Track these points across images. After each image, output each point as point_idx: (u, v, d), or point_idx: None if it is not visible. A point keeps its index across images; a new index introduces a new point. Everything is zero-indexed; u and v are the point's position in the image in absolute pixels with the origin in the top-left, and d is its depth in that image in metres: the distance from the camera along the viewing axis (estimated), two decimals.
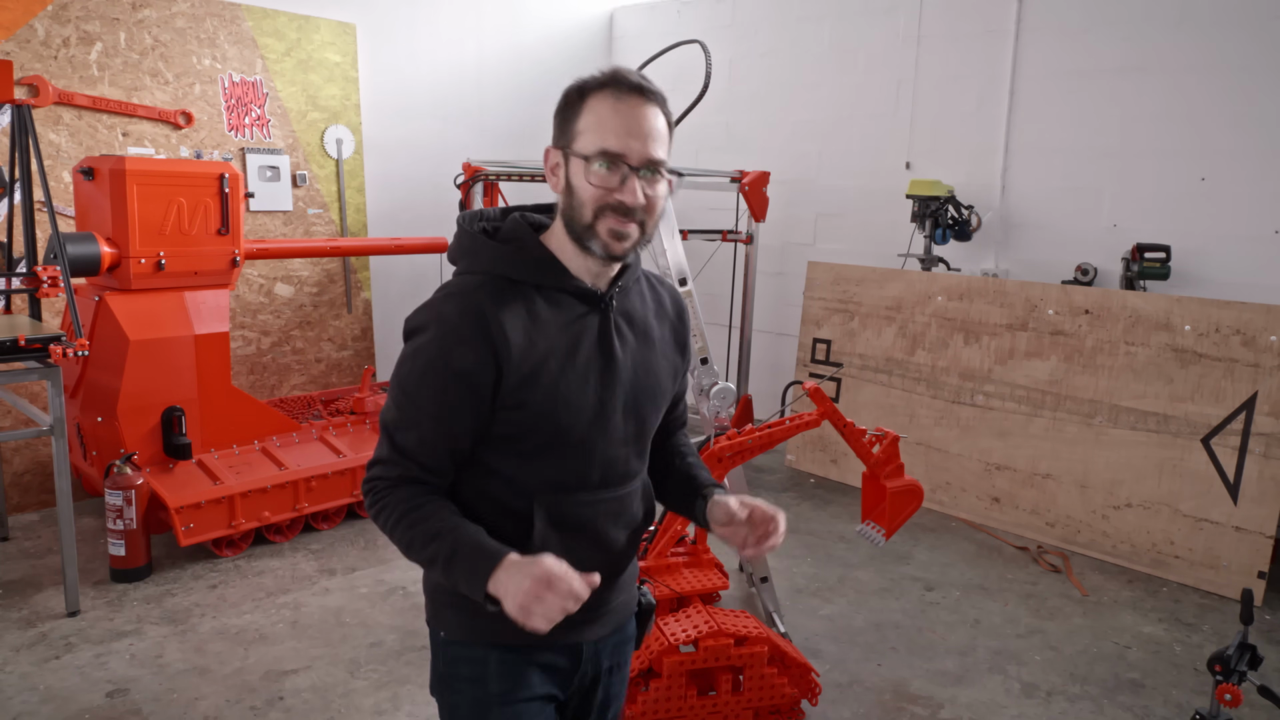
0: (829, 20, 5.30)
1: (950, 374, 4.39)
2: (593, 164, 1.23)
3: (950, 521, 4.29)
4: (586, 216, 1.25)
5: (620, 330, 1.34)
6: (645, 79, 1.27)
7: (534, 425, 1.26)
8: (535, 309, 1.27)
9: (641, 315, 1.39)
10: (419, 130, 5.44)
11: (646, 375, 1.37)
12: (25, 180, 3.48)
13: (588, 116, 1.25)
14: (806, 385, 2.72)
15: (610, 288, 1.33)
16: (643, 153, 1.24)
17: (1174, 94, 4.13)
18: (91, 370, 3.57)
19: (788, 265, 5.59)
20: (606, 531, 1.37)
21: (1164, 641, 3.16)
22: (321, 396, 4.80)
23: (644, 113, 1.25)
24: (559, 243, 1.31)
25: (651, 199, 1.27)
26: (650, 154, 1.24)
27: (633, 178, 1.23)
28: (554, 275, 1.30)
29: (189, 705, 2.64)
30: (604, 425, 1.32)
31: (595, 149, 1.23)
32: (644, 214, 1.26)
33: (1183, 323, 3.69)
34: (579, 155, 1.25)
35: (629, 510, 1.41)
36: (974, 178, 4.77)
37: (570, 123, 1.27)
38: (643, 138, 1.24)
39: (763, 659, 2.46)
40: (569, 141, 1.27)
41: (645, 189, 1.25)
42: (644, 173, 1.25)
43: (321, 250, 4.44)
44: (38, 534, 3.85)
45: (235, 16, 4.60)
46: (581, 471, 1.32)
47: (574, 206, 1.26)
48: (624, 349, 1.34)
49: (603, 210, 1.24)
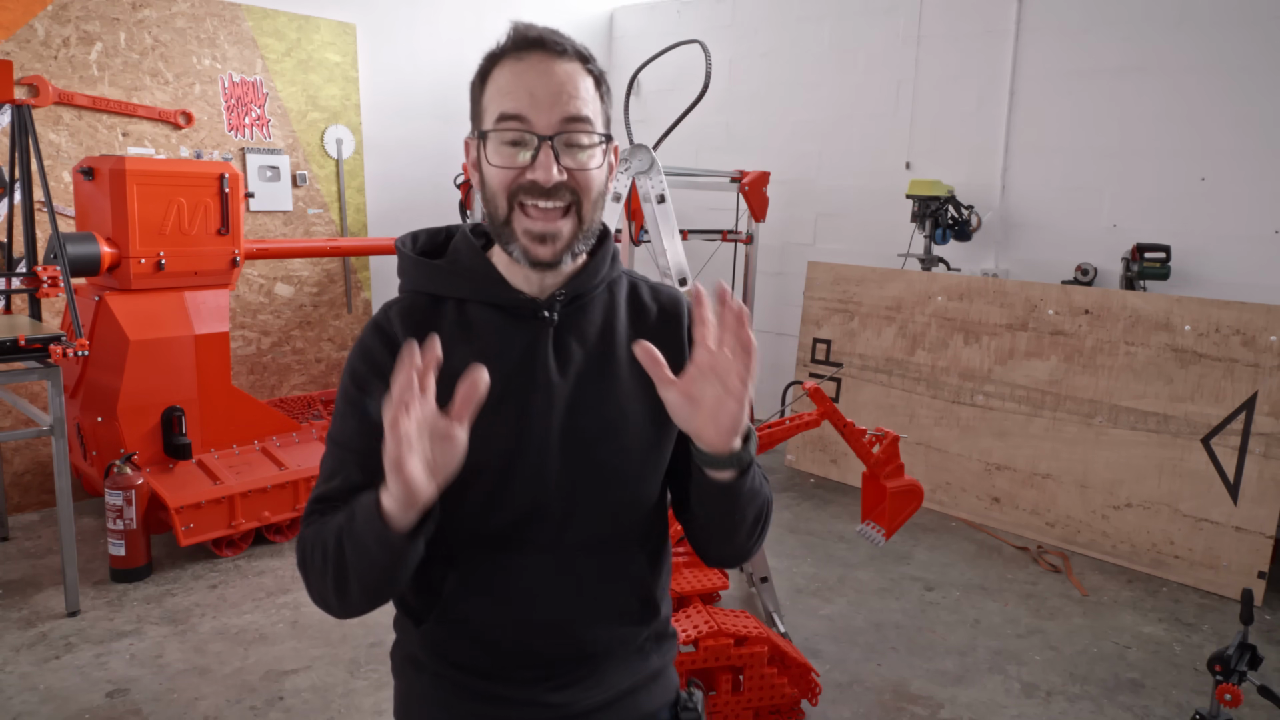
0: (829, 20, 5.30)
1: (950, 374, 4.39)
2: (493, 138, 1.00)
3: (950, 521, 4.29)
4: (501, 209, 1.02)
5: (563, 348, 1.08)
6: (552, 31, 1.03)
7: None
8: (448, 325, 1.07)
9: (601, 330, 1.11)
10: (419, 130, 5.44)
11: (603, 406, 1.08)
12: (25, 180, 3.48)
13: (491, 86, 1.03)
14: (806, 385, 2.72)
15: (552, 297, 1.08)
16: (552, 113, 0.98)
17: (1174, 94, 4.13)
18: (91, 370, 3.57)
19: (788, 265, 5.59)
20: (557, 608, 1.08)
21: (1164, 641, 3.16)
22: (321, 396, 4.80)
23: (551, 68, 1.00)
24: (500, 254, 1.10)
25: (577, 173, 1.00)
26: (565, 113, 0.99)
27: (545, 148, 0.98)
28: (480, 285, 1.08)
29: (189, 705, 2.64)
30: (528, 465, 1.04)
31: (495, 115, 1.00)
32: (572, 195, 1.01)
33: (1183, 323, 3.69)
34: (482, 132, 1.02)
35: (603, 589, 1.10)
36: (974, 178, 4.77)
37: (476, 102, 1.05)
38: (552, 95, 0.99)
39: (763, 659, 2.46)
40: (478, 124, 1.05)
41: (568, 161, 1.00)
42: (560, 141, 0.99)
43: (321, 250, 4.44)
44: (38, 534, 3.85)
45: (235, 16, 4.60)
46: (506, 522, 1.05)
47: (488, 201, 1.04)
48: (564, 371, 1.07)
49: (515, 198, 1.01)
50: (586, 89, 1.02)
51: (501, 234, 1.04)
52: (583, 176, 1.01)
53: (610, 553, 1.10)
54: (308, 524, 1.06)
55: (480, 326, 1.08)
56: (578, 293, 1.10)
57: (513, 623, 1.08)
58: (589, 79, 1.03)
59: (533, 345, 1.07)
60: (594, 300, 1.12)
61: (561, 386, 1.06)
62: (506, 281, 1.08)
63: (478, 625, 1.08)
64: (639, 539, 1.13)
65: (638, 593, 1.13)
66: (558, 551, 1.07)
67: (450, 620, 1.09)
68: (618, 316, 1.13)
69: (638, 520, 1.13)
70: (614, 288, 1.16)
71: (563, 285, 1.09)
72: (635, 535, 1.13)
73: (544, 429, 1.05)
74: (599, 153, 1.03)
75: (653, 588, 1.15)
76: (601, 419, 1.07)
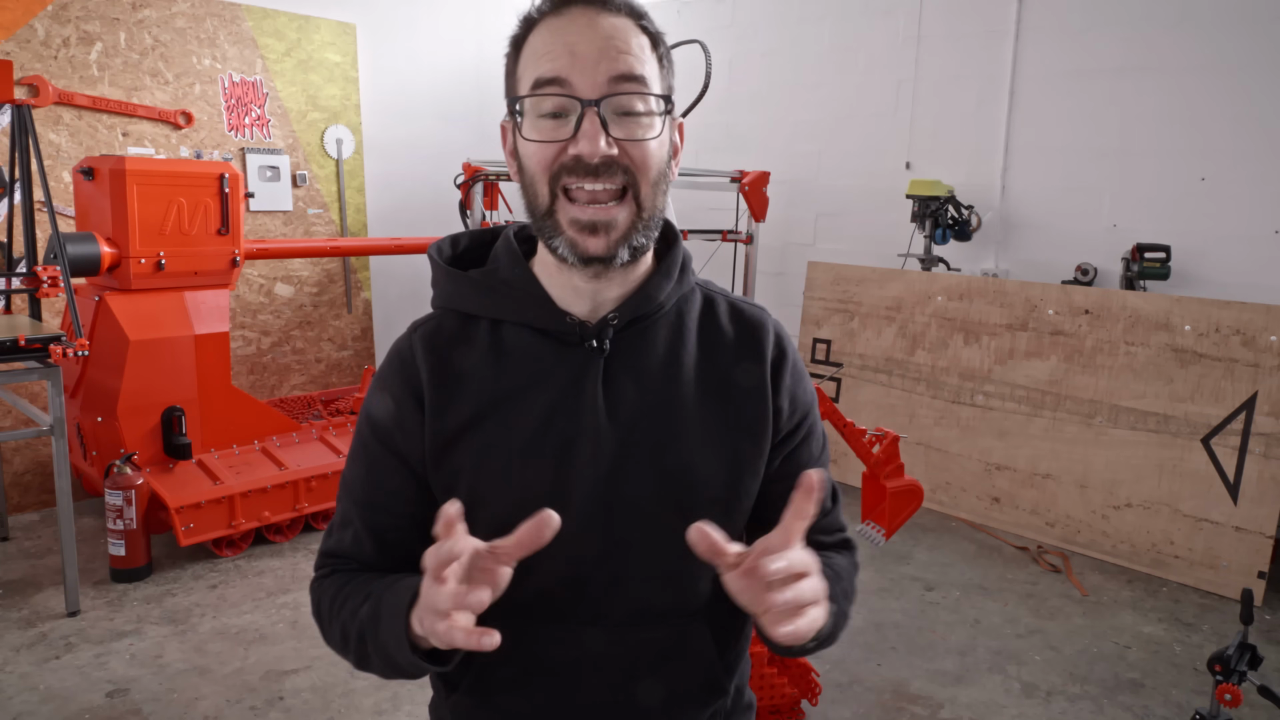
0: (829, 20, 5.30)
1: (950, 374, 4.39)
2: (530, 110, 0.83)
3: (950, 521, 4.29)
4: (542, 197, 0.85)
5: (615, 384, 0.90)
6: None
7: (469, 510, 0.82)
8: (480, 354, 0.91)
9: (663, 363, 0.91)
10: (419, 130, 5.44)
11: (662, 458, 0.90)
12: (25, 180, 3.48)
13: (525, 53, 0.86)
14: None
15: (604, 321, 0.90)
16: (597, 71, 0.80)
17: (1174, 94, 4.12)
18: (91, 370, 3.56)
19: (788, 265, 5.59)
20: (600, 690, 0.92)
21: (1164, 641, 3.16)
22: (321, 396, 4.80)
23: (596, 21, 0.82)
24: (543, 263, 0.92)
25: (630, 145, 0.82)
26: (613, 70, 0.81)
27: (590, 114, 0.80)
28: (520, 306, 0.90)
29: (189, 705, 2.64)
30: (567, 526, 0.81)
31: (528, 83, 0.84)
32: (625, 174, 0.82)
33: (1183, 323, 3.69)
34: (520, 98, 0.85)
35: (656, 669, 0.93)
36: (974, 178, 4.77)
37: (511, 76, 0.88)
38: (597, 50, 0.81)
39: (763, 659, 2.46)
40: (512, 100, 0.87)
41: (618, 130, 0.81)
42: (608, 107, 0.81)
43: (321, 250, 4.44)
44: (38, 534, 3.85)
45: (235, 16, 4.60)
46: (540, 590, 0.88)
47: (526, 189, 0.87)
48: (614, 414, 0.89)
49: (558, 181, 0.83)
50: (640, 46, 0.84)
51: (544, 228, 0.86)
52: (638, 150, 0.82)
53: (667, 627, 0.93)
54: (320, 577, 0.97)
55: (517, 355, 0.90)
56: (637, 314, 0.91)
57: (547, 703, 0.93)
58: (643, 36, 0.85)
59: (579, 380, 0.89)
60: (658, 322, 0.92)
61: (610, 432, 0.89)
62: (550, 300, 0.90)
63: (508, 705, 0.95)
64: (703, 611, 0.95)
65: (699, 675, 0.95)
66: (602, 625, 0.91)
67: (479, 693, 0.96)
68: (685, 345, 0.93)
69: (701, 590, 0.94)
70: (684, 305, 0.95)
71: (617, 306, 0.90)
72: (698, 606, 0.94)
73: (588, 483, 0.88)
74: (657, 122, 0.84)
75: (718, 668, 0.97)
76: (658, 473, 0.89)
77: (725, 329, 0.96)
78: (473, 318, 0.93)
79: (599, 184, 0.82)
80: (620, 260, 0.85)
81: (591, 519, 0.89)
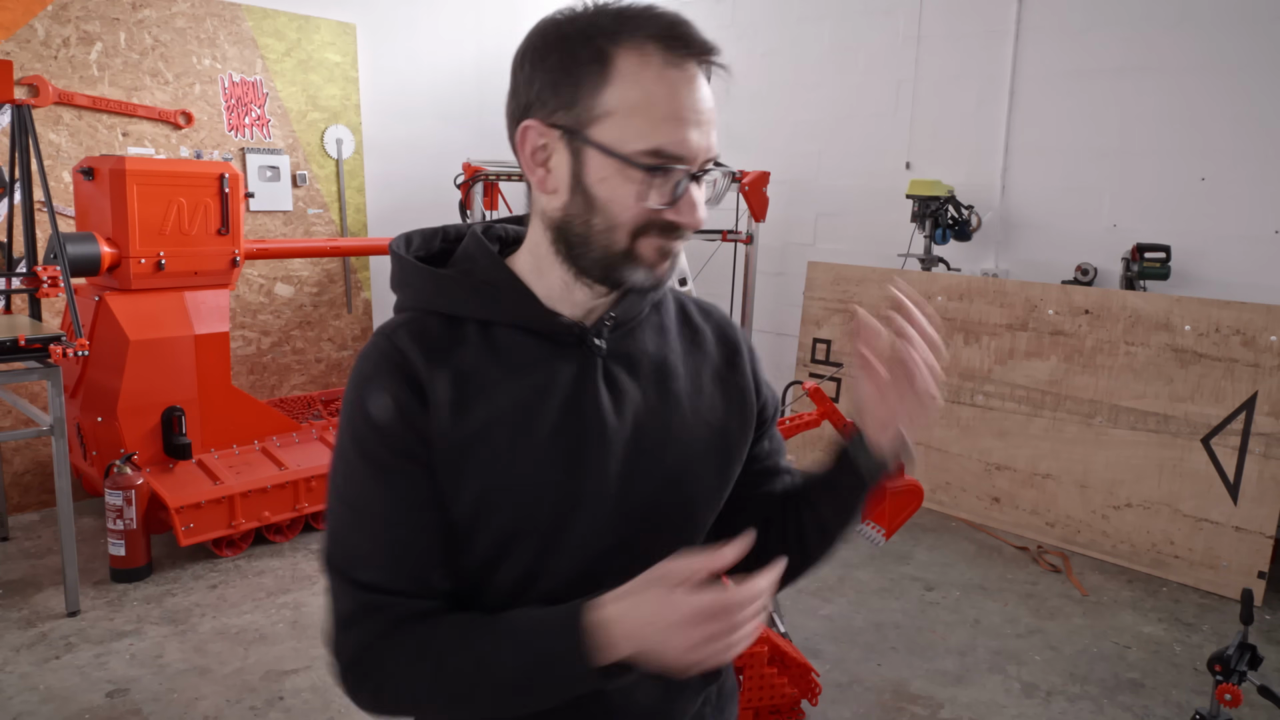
0: (829, 20, 5.30)
1: (950, 374, 4.39)
2: (637, 167, 0.80)
3: (950, 521, 4.29)
4: (620, 241, 0.84)
5: (614, 380, 0.91)
6: (690, 23, 0.84)
7: (475, 520, 0.86)
8: (478, 356, 0.88)
9: (656, 359, 0.95)
10: (419, 130, 5.44)
11: (665, 450, 0.93)
12: (25, 180, 3.48)
13: (623, 86, 0.80)
14: (806, 385, 2.72)
15: (599, 321, 0.91)
16: (706, 148, 0.83)
17: (1174, 94, 4.12)
18: (91, 370, 3.56)
19: (788, 265, 5.58)
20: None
21: (1164, 641, 3.16)
22: (321, 396, 4.80)
23: (702, 85, 0.83)
24: (533, 263, 0.90)
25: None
26: (713, 149, 0.84)
27: (693, 185, 0.83)
28: (511, 307, 0.89)
29: (189, 705, 2.64)
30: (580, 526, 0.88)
31: (645, 146, 0.80)
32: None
33: (1183, 323, 3.69)
34: (609, 151, 0.81)
35: None
36: (974, 178, 4.77)
37: (582, 88, 0.81)
38: (707, 124, 0.82)
39: (763, 659, 2.46)
40: (583, 121, 0.82)
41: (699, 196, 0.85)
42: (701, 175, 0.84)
43: (321, 250, 4.44)
44: (38, 534, 3.85)
45: (235, 16, 4.60)
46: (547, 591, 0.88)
47: (594, 225, 0.84)
48: (619, 407, 0.90)
49: (643, 232, 0.83)
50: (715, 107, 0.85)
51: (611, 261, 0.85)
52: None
53: None
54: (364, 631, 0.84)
55: (517, 357, 0.88)
56: (628, 316, 0.93)
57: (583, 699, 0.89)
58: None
59: (581, 381, 0.89)
60: (644, 322, 0.96)
61: (619, 429, 0.89)
62: (541, 302, 0.90)
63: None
64: None
65: None
66: None
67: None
68: (670, 342, 0.97)
69: None
70: (660, 307, 0.99)
71: (611, 308, 0.91)
72: None
73: (599, 482, 0.88)
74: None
75: None
76: (665, 466, 0.92)
77: (700, 325, 1.01)
78: (456, 319, 0.89)
79: (678, 235, 0.86)
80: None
81: (603, 518, 0.89)
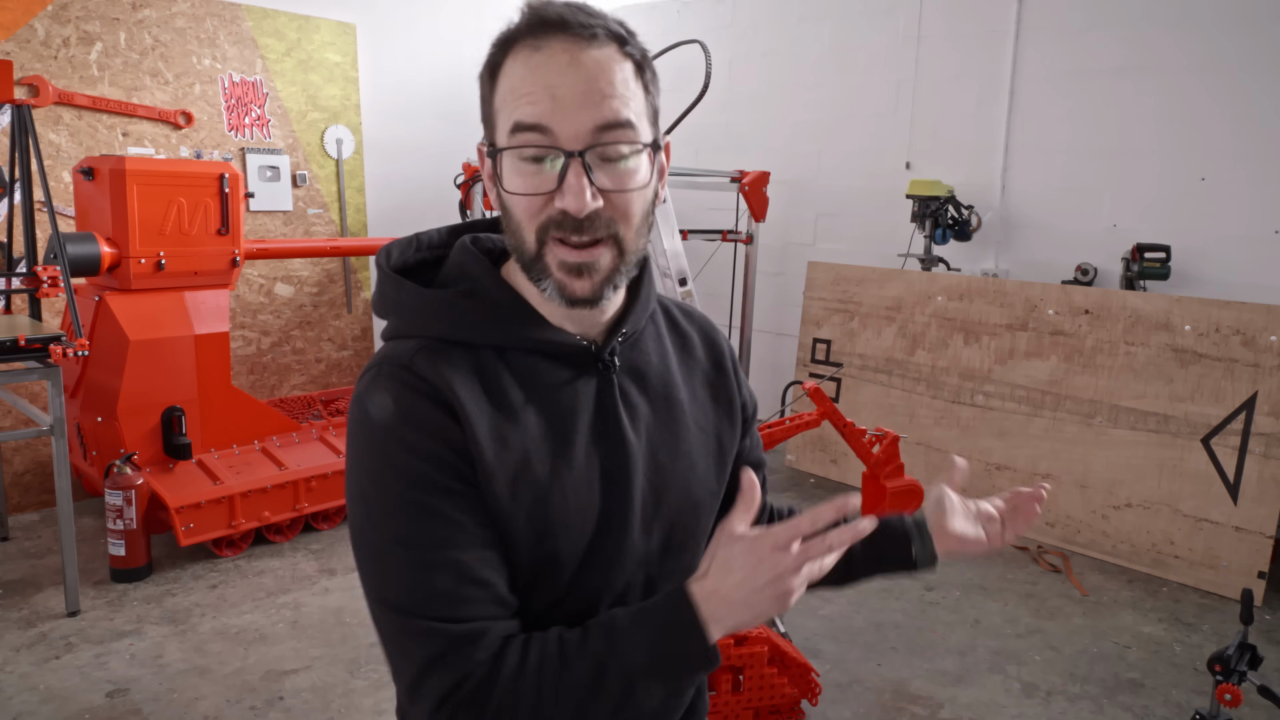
0: (829, 20, 5.30)
1: (950, 374, 4.39)
2: (511, 156, 0.79)
3: None
4: (529, 244, 0.81)
5: (628, 398, 0.90)
6: (577, 6, 0.80)
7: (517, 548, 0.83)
8: (499, 385, 0.84)
9: (659, 370, 0.94)
10: (419, 130, 5.44)
11: (676, 465, 0.92)
12: (25, 180, 3.48)
13: (502, 86, 0.80)
14: (806, 385, 2.72)
15: (610, 339, 0.89)
16: (580, 120, 0.77)
17: (1174, 94, 4.12)
18: (91, 370, 3.56)
19: (788, 265, 5.59)
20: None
21: (1164, 641, 3.16)
22: (321, 396, 4.80)
23: (578, 58, 0.77)
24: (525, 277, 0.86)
25: (615, 196, 0.79)
26: (598, 119, 0.77)
27: (574, 166, 0.77)
28: (521, 328, 0.85)
29: (189, 705, 2.64)
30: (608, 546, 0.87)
31: (507, 129, 0.79)
32: (608, 227, 0.80)
33: (1183, 323, 3.69)
34: (497, 148, 0.81)
35: None
36: (974, 178, 4.77)
37: (488, 104, 0.82)
38: (580, 95, 0.76)
39: (763, 659, 2.46)
40: (492, 133, 0.83)
41: (603, 180, 0.78)
42: (593, 155, 0.78)
43: (321, 250, 4.44)
44: (38, 534, 3.85)
45: (235, 16, 4.60)
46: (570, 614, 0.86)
47: (512, 231, 0.83)
48: (635, 425, 0.89)
49: (545, 232, 0.80)
50: (624, 82, 0.79)
51: (532, 270, 0.83)
52: (622, 200, 0.80)
53: None
54: (463, 662, 0.79)
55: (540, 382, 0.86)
56: (635, 329, 0.92)
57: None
58: (627, 65, 0.80)
59: (601, 400, 0.88)
60: (644, 334, 0.94)
61: (639, 447, 0.88)
62: (546, 320, 0.87)
63: None
64: None
65: None
66: None
67: None
68: (667, 352, 0.96)
69: None
70: (653, 317, 0.98)
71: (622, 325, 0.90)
72: None
73: (628, 502, 0.87)
74: (644, 163, 0.81)
75: None
76: (678, 479, 0.92)
77: (687, 330, 1.01)
78: (465, 346, 0.85)
79: (584, 236, 0.80)
80: (604, 300, 0.84)
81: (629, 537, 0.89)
